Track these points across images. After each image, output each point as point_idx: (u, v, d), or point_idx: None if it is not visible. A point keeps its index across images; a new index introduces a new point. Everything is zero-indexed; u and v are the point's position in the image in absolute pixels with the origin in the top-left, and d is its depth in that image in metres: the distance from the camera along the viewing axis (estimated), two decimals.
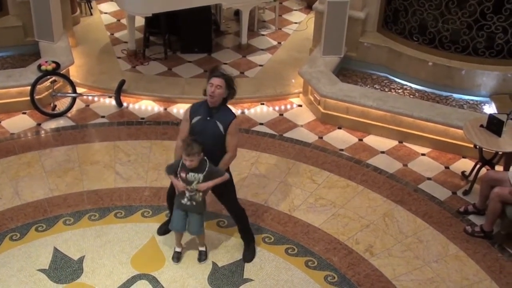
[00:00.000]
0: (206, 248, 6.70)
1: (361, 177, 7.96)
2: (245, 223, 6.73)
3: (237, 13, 11.35)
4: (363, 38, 9.75)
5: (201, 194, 6.20)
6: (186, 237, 6.69)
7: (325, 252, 6.85)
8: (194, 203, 6.22)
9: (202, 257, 6.64)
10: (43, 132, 8.58)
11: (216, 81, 5.97)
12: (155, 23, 10.21)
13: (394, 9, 9.55)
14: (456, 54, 9.19)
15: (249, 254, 6.75)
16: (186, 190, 6.14)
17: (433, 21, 9.17)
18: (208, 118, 6.08)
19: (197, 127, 6.13)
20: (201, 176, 6.08)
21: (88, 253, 6.69)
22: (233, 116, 6.14)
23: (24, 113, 8.91)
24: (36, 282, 6.31)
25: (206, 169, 6.07)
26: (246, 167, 7.96)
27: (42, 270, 6.45)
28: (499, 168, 7.72)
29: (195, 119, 6.13)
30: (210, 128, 6.07)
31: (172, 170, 6.21)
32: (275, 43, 11.00)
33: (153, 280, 6.39)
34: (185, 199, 6.20)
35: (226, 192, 6.48)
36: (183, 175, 6.10)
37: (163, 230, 6.97)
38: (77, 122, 8.81)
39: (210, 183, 6.13)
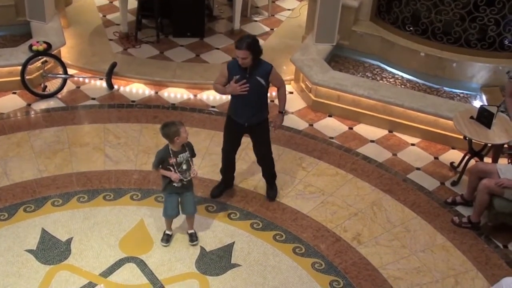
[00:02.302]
0: (195, 231, 6.73)
1: (350, 166, 7.98)
2: (272, 168, 7.28)
3: None
4: (356, 27, 9.74)
5: (189, 172, 6.36)
6: (175, 222, 6.73)
7: (312, 239, 6.88)
8: (185, 182, 6.35)
9: (194, 238, 6.69)
10: (33, 112, 8.55)
11: (240, 53, 6.38)
12: (148, 6, 10.17)
13: None
14: (448, 45, 9.20)
15: (272, 193, 7.33)
16: (180, 175, 6.29)
17: (426, 11, 9.17)
18: (248, 76, 6.52)
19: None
20: (187, 154, 6.32)
21: (76, 234, 6.69)
22: (269, 66, 6.64)
23: (14, 93, 8.87)
24: (23, 263, 6.32)
25: (186, 146, 6.32)
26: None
27: (30, 251, 6.45)
28: (487, 160, 7.76)
29: (234, 78, 6.53)
30: (252, 84, 6.52)
31: (158, 164, 6.34)
32: (267, 29, 10.98)
33: (140, 263, 6.41)
34: (178, 182, 6.31)
35: (265, 137, 7.01)
36: (173, 160, 6.23)
37: (218, 191, 7.36)
38: (68, 103, 8.77)
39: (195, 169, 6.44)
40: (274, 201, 7.30)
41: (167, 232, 6.70)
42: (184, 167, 6.30)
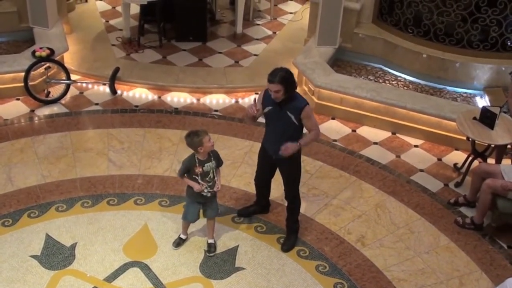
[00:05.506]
0: (215, 241, 6.71)
1: (354, 168, 7.98)
2: (295, 215, 6.82)
3: (232, 2, 11.35)
4: (358, 29, 9.75)
5: (216, 180, 6.34)
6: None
7: (316, 242, 6.87)
8: (214, 191, 6.38)
9: (212, 249, 6.65)
10: (36, 118, 8.57)
11: (272, 87, 6.07)
12: (150, 11, 10.19)
13: (390, 1, 9.54)
14: (451, 47, 9.20)
15: (286, 244, 6.81)
16: (204, 184, 6.27)
17: (428, 13, 9.17)
18: (279, 108, 6.21)
19: (270, 116, 6.36)
20: (213, 163, 6.27)
21: (80, 240, 6.70)
22: (303, 103, 6.20)
23: (18, 99, 8.89)
24: (28, 268, 6.32)
25: (212, 155, 6.27)
26: (239, 156, 7.97)
27: (34, 256, 6.46)
28: (491, 160, 7.75)
29: (267, 109, 6.31)
30: (282, 118, 6.22)
31: (183, 172, 6.32)
32: (270, 33, 10.99)
33: (145, 268, 6.41)
34: (206, 191, 6.30)
35: (291, 176, 6.61)
36: (200, 169, 6.21)
37: (247, 212, 7.16)
38: (71, 109, 8.80)
39: (219, 181, 6.43)
40: (287, 252, 6.77)
41: (182, 236, 6.72)
42: (211, 176, 6.28)
